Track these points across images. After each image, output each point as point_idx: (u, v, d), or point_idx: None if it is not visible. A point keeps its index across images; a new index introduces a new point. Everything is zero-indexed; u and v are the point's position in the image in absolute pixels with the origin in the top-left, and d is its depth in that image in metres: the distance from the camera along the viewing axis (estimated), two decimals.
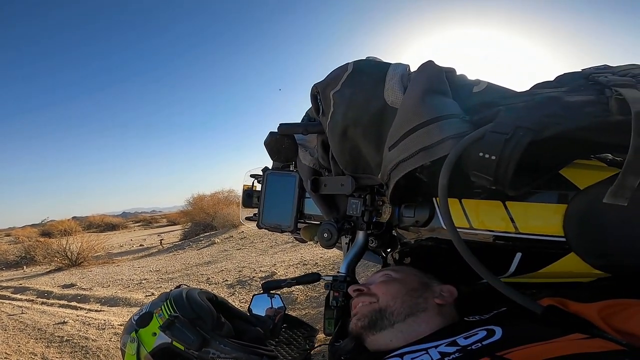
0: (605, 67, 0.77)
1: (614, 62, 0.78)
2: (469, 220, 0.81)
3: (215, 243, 8.88)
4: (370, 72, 0.92)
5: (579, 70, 0.80)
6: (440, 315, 0.81)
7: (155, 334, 1.03)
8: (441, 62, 0.84)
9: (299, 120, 1.19)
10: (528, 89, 0.80)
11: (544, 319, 0.66)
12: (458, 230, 0.80)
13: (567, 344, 0.56)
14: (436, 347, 0.68)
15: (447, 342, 0.67)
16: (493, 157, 0.62)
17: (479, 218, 0.80)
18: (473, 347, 0.63)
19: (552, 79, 0.81)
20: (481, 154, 0.64)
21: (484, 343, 0.63)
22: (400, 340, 0.76)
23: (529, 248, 0.77)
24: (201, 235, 11.11)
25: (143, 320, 1.06)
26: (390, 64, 0.92)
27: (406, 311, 0.80)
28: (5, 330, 4.12)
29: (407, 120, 0.76)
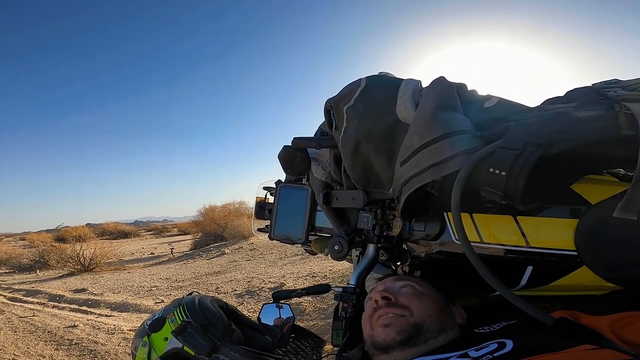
0: (616, 82, 0.78)
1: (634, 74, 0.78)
2: (479, 235, 0.81)
3: (225, 253, 8.91)
4: (383, 87, 0.94)
5: (589, 84, 0.81)
6: (458, 334, 0.81)
7: (167, 338, 1.05)
8: (452, 76, 0.86)
9: (311, 134, 1.21)
10: (539, 104, 0.82)
11: (554, 331, 0.66)
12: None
13: (576, 354, 0.57)
14: (447, 358, 0.68)
15: (458, 354, 0.68)
16: (503, 173, 0.63)
17: (490, 232, 0.80)
18: (484, 358, 0.63)
19: (562, 94, 0.82)
20: (491, 170, 0.65)
21: (495, 355, 0.63)
22: (419, 354, 0.76)
23: (540, 261, 0.76)
24: (211, 246, 11.16)
25: (156, 325, 1.08)
26: (402, 79, 0.93)
27: (438, 329, 0.79)
28: (15, 331, 4.16)
29: (418, 136, 0.78)
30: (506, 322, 0.77)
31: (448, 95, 0.82)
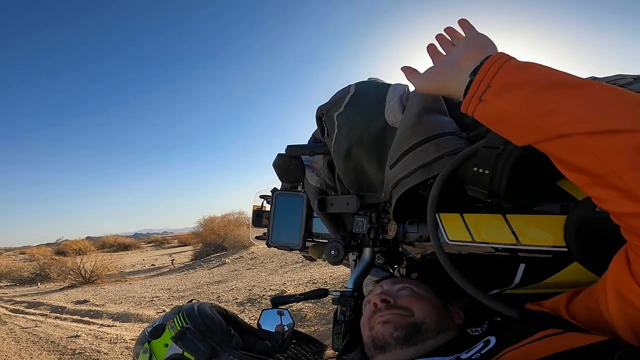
0: (593, 79, 0.80)
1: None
2: (471, 234, 0.82)
3: (225, 263, 8.91)
4: (371, 93, 0.96)
5: None
6: (456, 334, 0.82)
7: (167, 345, 1.06)
8: None
9: (305, 142, 1.23)
10: None
11: (522, 321, 0.69)
12: (461, 243, 0.83)
13: (544, 342, 0.59)
14: None
15: (451, 359, 0.69)
16: (487, 172, 0.65)
17: (481, 231, 0.81)
18: (473, 357, 0.65)
19: None
20: (475, 169, 0.67)
21: (482, 352, 0.65)
22: (417, 355, 0.76)
23: (532, 259, 0.77)
24: (212, 256, 11.16)
25: (156, 331, 1.10)
26: (390, 84, 0.95)
27: (437, 329, 0.79)
28: (19, 342, 4.18)
29: (405, 139, 0.80)
30: (491, 320, 0.79)
31: (433, 98, 0.84)
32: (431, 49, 0.76)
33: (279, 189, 1.40)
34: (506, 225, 0.78)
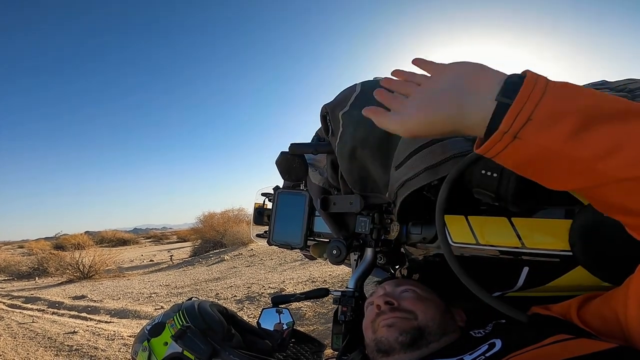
0: (603, 82, 0.79)
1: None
2: (475, 236, 0.81)
3: (224, 260, 8.92)
4: None
5: None
6: (459, 336, 0.82)
7: (166, 343, 1.05)
8: None
9: (308, 140, 1.22)
10: None
11: (531, 326, 0.68)
12: (465, 246, 0.82)
13: (555, 347, 0.58)
14: None
15: None
16: (495, 175, 0.65)
17: (485, 234, 0.81)
18: (477, 359, 0.65)
19: None
20: (483, 172, 0.66)
21: (486, 355, 0.65)
22: (420, 358, 0.76)
23: (536, 262, 0.77)
24: (211, 252, 11.17)
25: (155, 329, 1.09)
26: None
27: (441, 332, 0.79)
28: (15, 338, 4.18)
29: (412, 140, 0.79)
30: (496, 322, 0.78)
31: None
32: (382, 94, 0.63)
33: (281, 187, 1.39)
34: (511, 228, 0.78)
